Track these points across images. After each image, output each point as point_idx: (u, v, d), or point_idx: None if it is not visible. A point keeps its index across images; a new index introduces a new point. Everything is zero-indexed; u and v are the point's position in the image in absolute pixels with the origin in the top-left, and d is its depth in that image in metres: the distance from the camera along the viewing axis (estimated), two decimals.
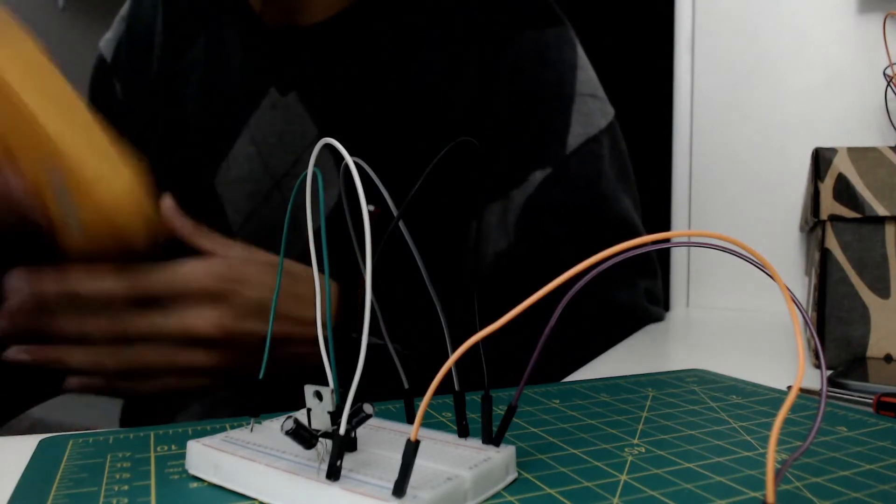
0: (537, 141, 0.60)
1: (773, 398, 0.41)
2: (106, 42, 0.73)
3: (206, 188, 0.62)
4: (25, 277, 0.43)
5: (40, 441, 0.33)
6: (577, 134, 0.61)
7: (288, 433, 0.25)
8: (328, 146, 0.27)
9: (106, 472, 0.29)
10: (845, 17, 0.83)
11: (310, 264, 0.29)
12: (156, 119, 0.67)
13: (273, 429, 0.31)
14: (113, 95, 0.71)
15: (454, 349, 0.25)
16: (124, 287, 0.43)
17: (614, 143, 0.63)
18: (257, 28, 0.63)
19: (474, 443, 0.29)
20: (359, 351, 0.24)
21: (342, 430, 0.25)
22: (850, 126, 0.82)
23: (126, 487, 0.28)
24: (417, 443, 0.24)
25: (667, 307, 0.91)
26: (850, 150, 0.56)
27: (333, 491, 0.24)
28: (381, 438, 0.30)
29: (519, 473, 0.28)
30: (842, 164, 0.55)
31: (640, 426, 0.35)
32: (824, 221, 0.56)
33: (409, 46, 0.61)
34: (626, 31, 0.90)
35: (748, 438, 0.33)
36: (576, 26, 0.65)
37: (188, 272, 0.44)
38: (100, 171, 0.40)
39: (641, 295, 0.67)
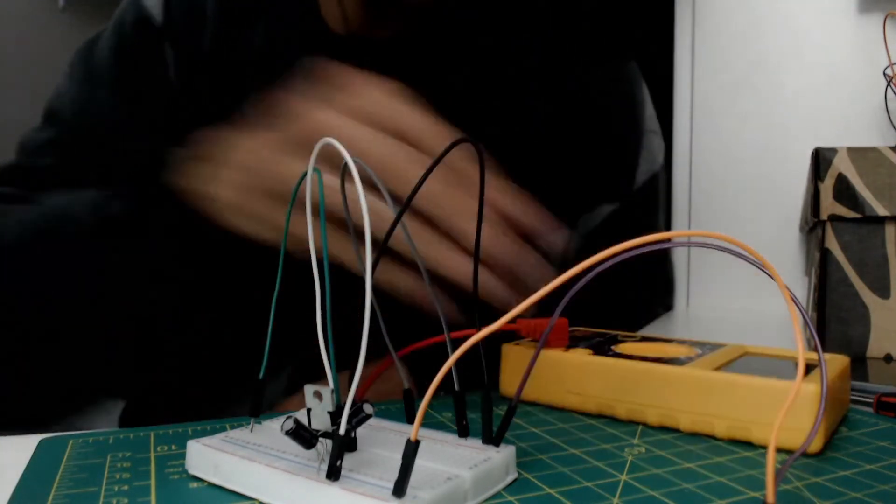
0: (609, 174, 0.61)
1: None
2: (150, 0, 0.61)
3: None
4: None
5: (40, 441, 0.33)
6: (644, 171, 0.63)
7: (288, 433, 0.25)
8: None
9: (106, 472, 0.29)
10: (845, 17, 0.83)
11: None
12: (208, 101, 0.58)
13: (273, 429, 0.31)
14: (164, 65, 0.60)
15: (454, 349, 0.25)
16: None
17: (667, 176, 0.66)
18: (322, 30, 0.59)
19: (474, 443, 0.29)
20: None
21: (342, 430, 0.25)
22: (850, 126, 0.82)
23: (126, 487, 0.28)
24: (417, 443, 0.24)
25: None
26: (850, 150, 0.56)
27: (333, 491, 0.24)
28: (381, 438, 0.30)
29: (519, 473, 0.28)
30: (842, 164, 0.55)
31: (640, 426, 0.35)
32: (824, 221, 0.56)
33: (483, 75, 0.59)
34: (625, 32, 0.90)
35: None
36: (575, 28, 0.66)
37: None
38: None
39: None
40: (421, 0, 0.56)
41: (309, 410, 0.27)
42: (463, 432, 0.30)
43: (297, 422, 0.25)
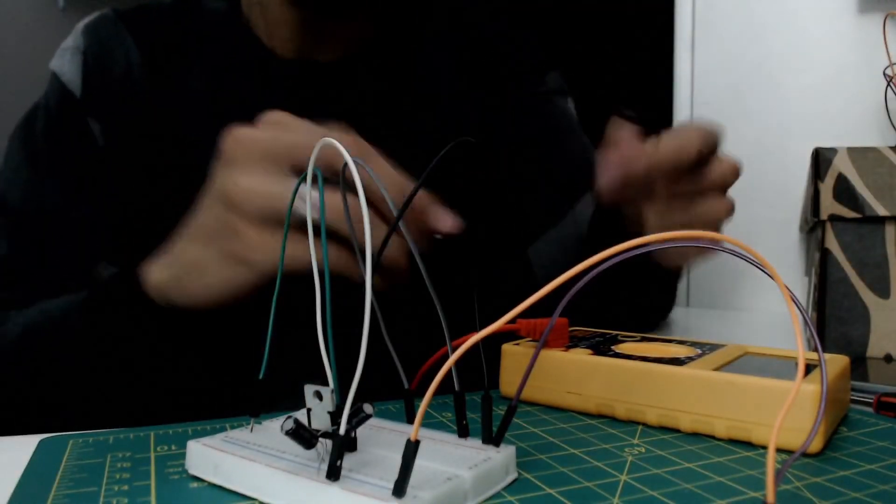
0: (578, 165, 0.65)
1: None
2: (67, 75, 0.58)
3: None
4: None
5: (40, 441, 0.33)
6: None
7: (288, 433, 0.25)
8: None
9: (106, 472, 0.29)
10: (845, 17, 0.83)
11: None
12: (155, 158, 0.57)
13: (273, 429, 0.31)
14: (89, 136, 0.58)
15: (454, 349, 0.25)
16: None
17: None
18: (271, 61, 0.60)
19: (474, 443, 0.29)
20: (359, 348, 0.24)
21: (342, 430, 0.25)
22: (850, 126, 0.82)
23: (126, 487, 0.28)
24: (417, 443, 0.24)
25: None
26: (850, 150, 0.56)
27: (333, 491, 0.24)
28: (381, 438, 0.30)
29: (519, 473, 0.28)
30: (842, 164, 0.55)
31: (640, 426, 0.35)
32: (824, 221, 0.56)
33: (431, 87, 0.62)
34: (626, 32, 0.90)
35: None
36: (576, 28, 0.67)
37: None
38: None
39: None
40: (355, 30, 0.60)
41: (309, 410, 0.27)
42: (463, 432, 0.30)
43: (297, 422, 0.25)
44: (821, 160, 0.56)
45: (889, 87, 0.78)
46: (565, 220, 0.63)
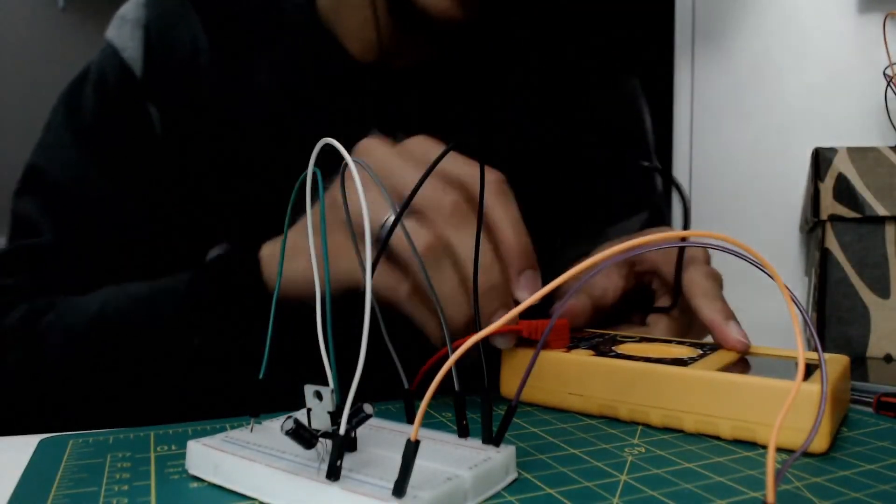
0: (638, 183, 0.65)
1: None
2: (129, 51, 0.53)
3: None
4: None
5: (40, 441, 0.33)
6: (656, 177, 0.67)
7: (288, 433, 0.25)
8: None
9: (106, 471, 0.29)
10: (845, 17, 0.83)
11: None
12: (214, 154, 0.54)
13: (273, 429, 0.31)
14: (146, 122, 0.54)
15: (454, 349, 0.25)
16: None
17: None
18: (347, 62, 0.56)
19: (474, 443, 0.29)
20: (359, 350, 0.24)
21: (342, 430, 0.25)
22: (850, 126, 0.82)
23: (126, 487, 0.28)
24: (417, 443, 0.24)
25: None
26: (850, 150, 0.56)
27: (333, 491, 0.24)
28: (381, 438, 0.30)
29: (519, 473, 0.28)
30: (842, 164, 0.55)
31: (640, 426, 0.35)
32: (824, 221, 0.56)
33: (503, 95, 0.61)
34: (625, 31, 0.90)
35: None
36: (576, 26, 0.67)
37: None
38: None
39: None
40: (448, 28, 0.53)
41: (309, 410, 0.27)
42: (463, 432, 0.30)
43: (297, 422, 0.25)
44: (821, 160, 0.56)
45: (889, 87, 0.78)
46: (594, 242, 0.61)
